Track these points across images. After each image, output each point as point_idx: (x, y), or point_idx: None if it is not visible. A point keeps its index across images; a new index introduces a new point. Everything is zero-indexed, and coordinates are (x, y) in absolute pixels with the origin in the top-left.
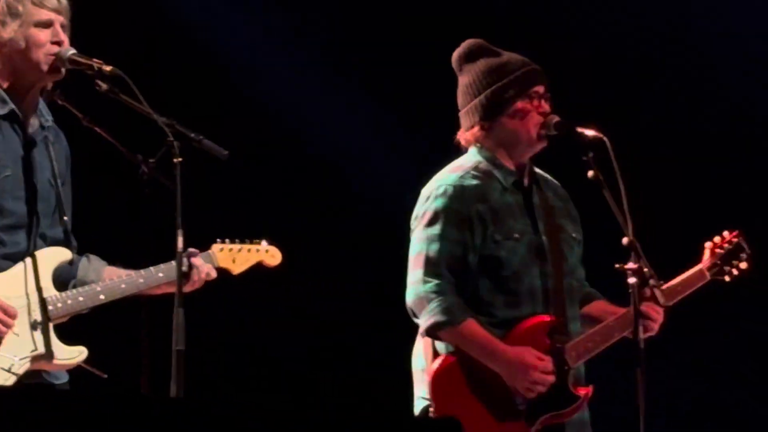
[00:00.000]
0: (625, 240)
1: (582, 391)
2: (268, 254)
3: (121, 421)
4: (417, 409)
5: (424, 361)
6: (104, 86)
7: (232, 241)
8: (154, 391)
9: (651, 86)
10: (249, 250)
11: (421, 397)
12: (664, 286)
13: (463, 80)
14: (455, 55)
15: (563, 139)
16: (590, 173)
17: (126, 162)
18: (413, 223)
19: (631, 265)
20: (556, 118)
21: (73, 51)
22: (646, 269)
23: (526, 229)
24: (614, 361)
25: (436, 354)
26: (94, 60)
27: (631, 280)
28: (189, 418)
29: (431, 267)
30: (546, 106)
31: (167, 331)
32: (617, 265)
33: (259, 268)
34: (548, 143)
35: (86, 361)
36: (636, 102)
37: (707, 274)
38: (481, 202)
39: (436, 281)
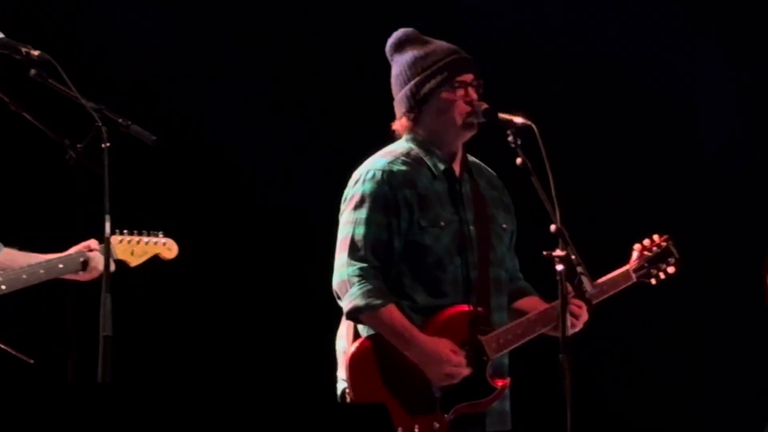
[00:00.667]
0: (552, 227)
1: (499, 383)
2: (165, 247)
3: (47, 406)
4: (338, 390)
5: (345, 343)
6: (32, 71)
7: (131, 233)
8: (81, 377)
9: (581, 74)
10: (147, 243)
11: (341, 379)
12: (590, 286)
13: (393, 71)
14: (387, 44)
15: (492, 126)
16: (518, 160)
17: (54, 147)
18: (342, 206)
19: (558, 252)
20: (484, 105)
21: (1, 35)
22: (573, 256)
23: (452, 218)
24: (540, 353)
25: (357, 337)
26: (22, 45)
27: (559, 267)
28: (115, 404)
29: (356, 251)
30: (473, 94)
31: (95, 316)
32: (545, 252)
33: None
34: (477, 130)
35: (12, 346)
36: (566, 89)
37: (633, 275)
38: (408, 187)
39: (359, 265)
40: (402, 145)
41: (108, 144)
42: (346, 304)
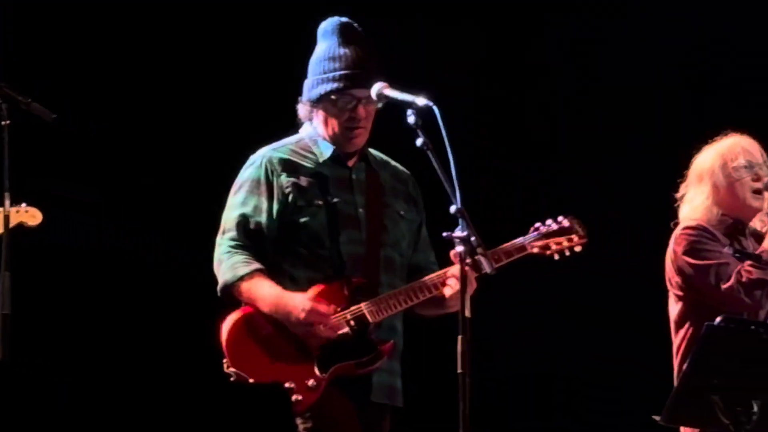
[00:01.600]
0: (453, 208)
1: (383, 346)
2: (28, 215)
3: None
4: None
5: (225, 323)
6: None
7: None
8: None
9: (482, 55)
10: (9, 213)
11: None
12: (478, 257)
13: (312, 56)
14: (321, 25)
15: (393, 106)
16: (419, 141)
17: None
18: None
19: (458, 233)
20: (385, 86)
21: None
22: (473, 238)
23: (332, 199)
24: (437, 329)
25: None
26: None
27: (459, 248)
28: (13, 381)
29: (227, 231)
30: (361, 112)
31: None
32: (445, 234)
33: None
34: (380, 111)
35: None
36: (468, 70)
37: (528, 247)
38: (288, 172)
39: (229, 244)
40: (295, 136)
41: (7, 122)
42: (219, 284)
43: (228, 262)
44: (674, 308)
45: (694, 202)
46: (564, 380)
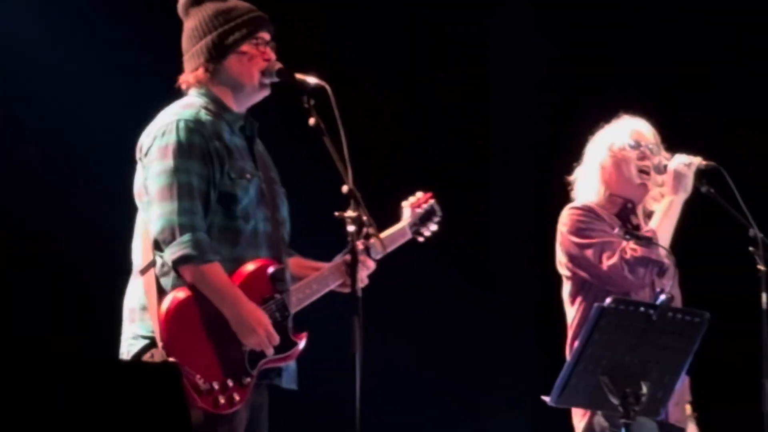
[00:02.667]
0: (344, 188)
1: (298, 338)
2: None
3: None
4: (133, 348)
5: (144, 298)
6: None
7: None
8: None
9: (376, 35)
10: None
11: (139, 336)
12: (372, 240)
13: (189, 24)
14: (181, 2)
15: (285, 86)
16: (311, 121)
17: None
18: (151, 156)
19: (350, 213)
20: (278, 65)
21: None
22: (365, 218)
23: (254, 172)
24: (330, 310)
25: (161, 291)
26: None
27: (350, 228)
28: None
29: (185, 199)
30: (271, 54)
31: None
32: (336, 213)
33: None
34: (270, 91)
35: None
36: (360, 50)
37: (409, 231)
38: (217, 139)
39: (190, 215)
40: (196, 99)
41: None
42: (172, 253)
43: (190, 237)
44: (564, 288)
45: (585, 183)
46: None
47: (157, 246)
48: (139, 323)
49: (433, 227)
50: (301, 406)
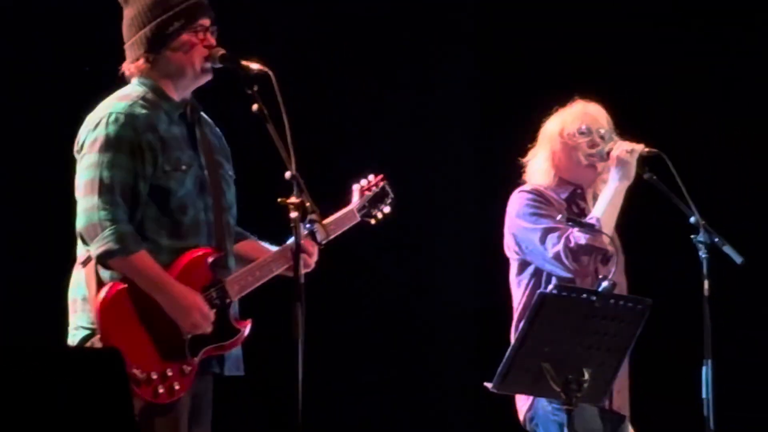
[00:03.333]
0: (287, 174)
1: (242, 325)
2: None
3: None
4: (75, 339)
5: (85, 289)
6: None
7: None
8: None
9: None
10: None
11: (81, 327)
12: (318, 226)
13: (129, 13)
14: None
15: (228, 72)
16: (254, 107)
17: None
18: (81, 150)
19: (293, 199)
20: (221, 51)
21: None
22: (308, 204)
23: (192, 162)
24: (273, 296)
25: (100, 282)
26: None
27: (293, 214)
28: None
29: (106, 194)
30: (211, 39)
31: None
32: (280, 199)
33: None
34: (213, 76)
35: None
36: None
37: (357, 215)
38: (150, 131)
39: (111, 208)
40: (136, 89)
41: None
42: (96, 248)
43: (113, 230)
44: (511, 271)
45: (536, 167)
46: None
47: (84, 241)
48: (80, 314)
49: (386, 209)
50: (245, 393)
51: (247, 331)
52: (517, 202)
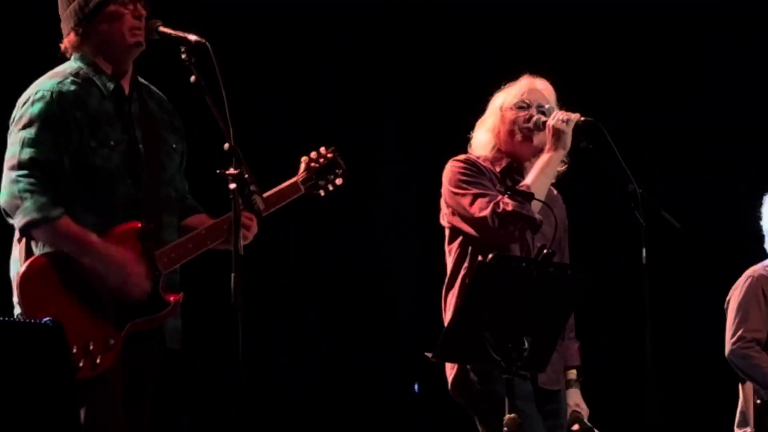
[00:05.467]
0: (226, 146)
1: (172, 298)
2: None
3: None
4: (14, 314)
5: (19, 265)
6: None
7: None
8: None
9: None
10: None
11: (17, 303)
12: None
13: None
14: None
15: (166, 43)
16: (192, 78)
17: None
18: (11, 127)
19: (232, 170)
20: (158, 23)
21: None
22: (247, 175)
23: (122, 138)
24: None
25: (30, 257)
26: None
27: (232, 185)
28: None
29: (25, 168)
30: (141, 10)
31: None
32: (218, 171)
33: None
34: (145, 47)
35: None
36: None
37: (302, 187)
38: (78, 108)
39: (29, 180)
40: (71, 65)
41: None
42: (19, 220)
43: (33, 201)
44: (446, 239)
45: (477, 139)
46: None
47: (8, 215)
48: (17, 290)
49: (338, 181)
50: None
51: (177, 304)
52: (450, 170)
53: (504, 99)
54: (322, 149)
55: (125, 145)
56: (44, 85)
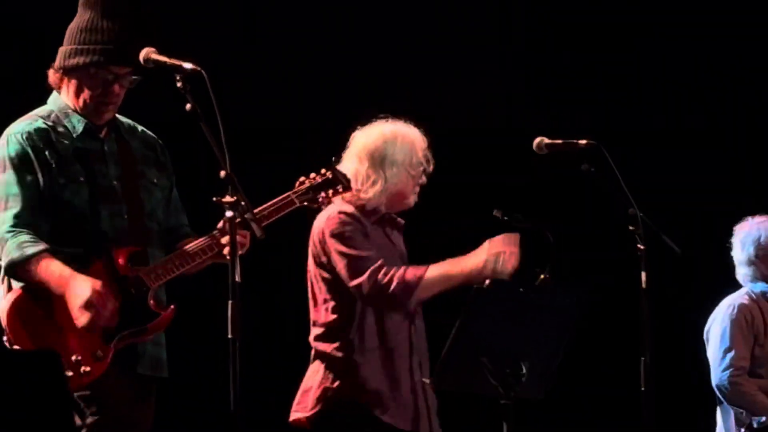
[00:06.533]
0: (222, 173)
1: (162, 310)
2: None
3: None
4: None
5: (4, 301)
6: None
7: None
8: None
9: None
10: None
11: (5, 337)
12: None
13: (72, 23)
14: None
15: (162, 69)
16: (188, 106)
17: None
18: None
19: (228, 198)
20: (152, 51)
21: None
22: (243, 202)
23: (91, 173)
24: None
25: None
26: None
27: (228, 213)
28: None
29: (7, 211)
30: (117, 90)
31: None
32: (215, 198)
33: None
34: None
35: None
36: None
37: (297, 201)
38: (47, 147)
39: (11, 223)
40: (43, 108)
41: None
42: (3, 263)
43: (13, 241)
44: (316, 284)
45: (368, 185)
46: None
47: None
48: (4, 324)
49: (338, 196)
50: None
51: (167, 316)
52: (335, 221)
53: (405, 156)
54: (323, 170)
55: (98, 180)
56: (17, 128)
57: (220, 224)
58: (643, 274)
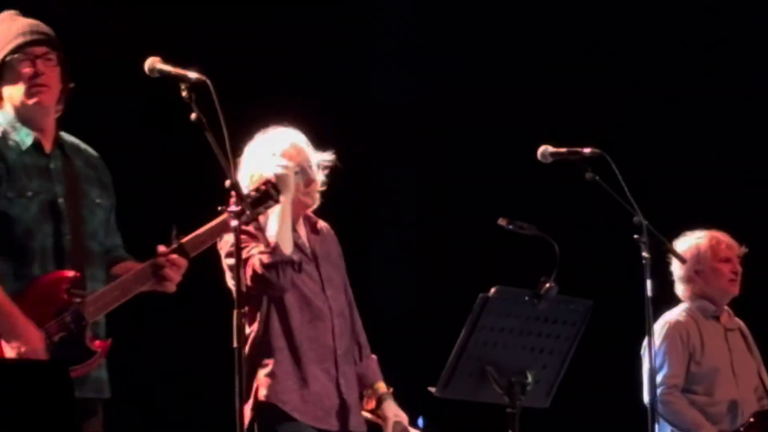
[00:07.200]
0: (227, 182)
1: (99, 345)
2: None
3: None
4: None
5: None
6: None
7: None
8: None
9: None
10: None
11: None
12: (186, 238)
13: None
14: None
15: (162, 79)
16: (193, 116)
17: None
18: None
19: (233, 207)
20: (157, 60)
21: None
22: (248, 212)
23: (40, 190)
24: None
25: None
26: None
27: (233, 222)
28: None
29: None
30: (41, 67)
31: None
32: (220, 208)
33: None
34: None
35: None
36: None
37: (231, 223)
38: None
39: None
40: None
41: None
42: None
43: None
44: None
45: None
46: None
47: None
48: None
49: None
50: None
51: (104, 350)
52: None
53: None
54: (260, 186)
55: (44, 197)
56: None
57: (161, 249)
58: (648, 283)
